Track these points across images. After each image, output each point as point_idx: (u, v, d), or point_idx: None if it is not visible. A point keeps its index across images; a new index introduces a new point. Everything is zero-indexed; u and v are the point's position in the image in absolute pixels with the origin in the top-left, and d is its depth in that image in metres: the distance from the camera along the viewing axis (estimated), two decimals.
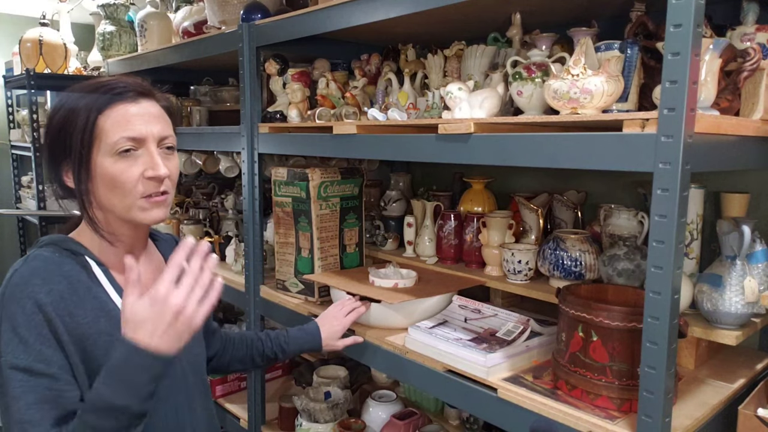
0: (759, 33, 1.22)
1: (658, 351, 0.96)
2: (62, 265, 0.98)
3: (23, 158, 4.23)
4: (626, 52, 1.16)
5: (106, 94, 0.99)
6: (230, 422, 2.20)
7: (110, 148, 0.97)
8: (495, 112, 1.32)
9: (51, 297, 0.93)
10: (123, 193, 0.99)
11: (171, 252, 1.17)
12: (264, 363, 1.47)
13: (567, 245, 1.47)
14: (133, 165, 0.98)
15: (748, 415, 1.09)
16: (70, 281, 0.96)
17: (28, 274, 0.95)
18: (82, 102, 0.98)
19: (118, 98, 0.99)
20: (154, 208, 1.01)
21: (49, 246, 1.01)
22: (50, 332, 0.92)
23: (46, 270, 0.96)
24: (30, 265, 0.96)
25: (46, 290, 0.93)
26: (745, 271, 1.22)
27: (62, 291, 0.95)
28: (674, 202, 0.93)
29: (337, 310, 1.54)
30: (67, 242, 1.02)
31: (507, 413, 1.21)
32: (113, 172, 0.97)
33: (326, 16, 1.58)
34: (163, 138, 1.02)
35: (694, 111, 0.93)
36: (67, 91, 1.02)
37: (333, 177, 1.77)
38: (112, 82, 1.01)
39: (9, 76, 3.94)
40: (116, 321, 0.98)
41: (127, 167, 0.98)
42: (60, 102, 1.01)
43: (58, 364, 0.92)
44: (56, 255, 0.99)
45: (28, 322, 0.91)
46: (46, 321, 0.92)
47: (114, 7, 2.86)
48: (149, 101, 1.03)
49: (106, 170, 0.98)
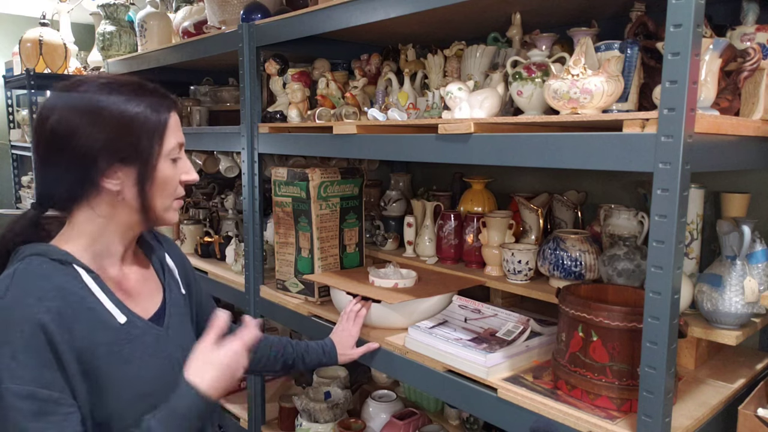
0: (759, 33, 1.22)
1: (658, 351, 0.96)
2: (52, 278, 0.93)
3: (23, 158, 4.23)
4: (626, 52, 1.16)
5: (166, 99, 1.02)
6: (230, 422, 2.20)
7: (168, 152, 1.01)
8: (495, 112, 1.32)
9: (50, 315, 0.90)
10: (168, 194, 1.03)
11: (153, 247, 1.18)
12: (282, 370, 1.47)
13: (567, 245, 1.47)
14: (177, 169, 1.04)
15: (748, 415, 1.09)
16: (64, 295, 0.93)
17: (21, 294, 0.90)
18: (149, 107, 0.98)
19: (173, 107, 1.04)
20: (176, 211, 1.08)
21: (34, 257, 0.96)
22: (51, 353, 0.89)
23: (38, 287, 0.91)
24: (18, 282, 0.91)
25: (44, 309, 0.89)
26: (745, 271, 1.22)
27: (59, 307, 0.91)
28: (674, 202, 0.93)
29: (344, 321, 1.54)
30: (54, 251, 0.97)
31: (507, 413, 1.21)
32: (169, 175, 1.02)
33: (326, 16, 1.58)
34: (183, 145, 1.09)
35: (694, 111, 0.93)
36: (97, 90, 0.96)
37: (333, 177, 1.77)
38: (149, 85, 1.03)
39: (9, 76, 3.94)
40: (112, 330, 0.98)
41: (176, 171, 1.04)
42: (105, 102, 0.96)
43: (60, 387, 0.89)
44: (44, 266, 0.94)
45: (27, 346, 0.87)
46: (47, 342, 0.89)
47: (114, 7, 2.86)
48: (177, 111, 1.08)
49: (164, 173, 1.01)
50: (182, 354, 1.09)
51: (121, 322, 0.99)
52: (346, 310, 1.55)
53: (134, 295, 1.07)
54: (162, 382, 1.03)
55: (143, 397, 1.00)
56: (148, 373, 1.01)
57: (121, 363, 0.98)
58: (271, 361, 1.43)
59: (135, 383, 0.99)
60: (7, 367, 0.86)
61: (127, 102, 0.97)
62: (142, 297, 1.08)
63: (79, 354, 0.93)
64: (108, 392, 0.96)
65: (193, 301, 1.23)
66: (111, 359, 0.96)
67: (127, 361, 0.98)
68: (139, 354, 1.01)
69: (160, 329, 1.06)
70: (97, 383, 0.95)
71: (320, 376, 2.09)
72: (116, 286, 1.04)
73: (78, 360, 0.92)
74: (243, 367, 1.04)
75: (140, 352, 1.01)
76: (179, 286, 1.18)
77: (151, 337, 1.04)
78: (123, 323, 0.99)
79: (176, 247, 1.27)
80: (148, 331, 1.03)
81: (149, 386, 1.01)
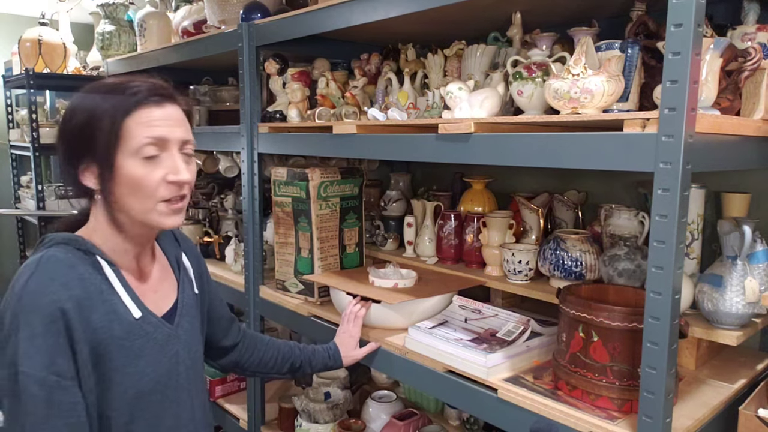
0: (760, 32, 1.22)
1: (658, 351, 0.96)
2: (76, 267, 0.96)
3: (22, 158, 4.22)
4: (627, 51, 1.16)
5: (133, 96, 0.97)
6: (230, 423, 2.20)
7: (134, 150, 0.96)
8: (495, 111, 1.31)
9: (71, 303, 0.92)
10: (144, 195, 0.97)
11: (171, 245, 1.18)
12: (289, 372, 1.46)
13: (567, 245, 1.46)
14: (156, 168, 0.97)
15: (749, 416, 1.09)
16: (85, 285, 0.95)
17: (47, 279, 0.92)
18: (108, 103, 0.97)
19: (144, 101, 0.97)
20: (173, 215, 1.01)
21: (61, 245, 0.98)
22: (67, 341, 0.91)
23: (63, 274, 0.94)
24: (46, 269, 0.94)
25: (67, 296, 0.92)
26: (745, 272, 1.22)
27: (80, 296, 0.94)
28: (675, 202, 0.92)
29: (345, 323, 1.54)
30: (80, 241, 1.00)
31: (507, 414, 1.21)
32: (137, 174, 0.96)
33: (326, 15, 1.58)
34: (185, 143, 1.02)
35: (694, 111, 0.93)
36: (87, 90, 1.00)
37: (333, 177, 1.77)
38: (137, 83, 0.99)
39: (8, 76, 3.93)
40: (127, 325, 0.99)
41: (150, 171, 0.97)
42: (80, 101, 0.99)
43: (70, 375, 0.91)
44: (69, 255, 0.97)
45: (47, 331, 0.89)
46: (65, 329, 0.91)
47: (113, 7, 2.86)
48: (173, 105, 1.02)
49: (129, 172, 0.96)
50: (188, 354, 1.10)
51: (136, 316, 1.00)
52: (346, 312, 1.55)
53: (150, 291, 1.07)
54: (165, 381, 1.03)
55: (146, 394, 1.01)
56: (155, 370, 1.02)
57: (131, 357, 0.99)
58: (279, 364, 1.43)
59: (141, 379, 1.00)
60: (26, 351, 0.89)
61: (94, 99, 0.98)
62: (158, 294, 1.09)
63: (93, 344, 0.94)
64: (115, 385, 0.97)
65: (205, 302, 1.23)
66: (122, 353, 0.97)
67: (137, 356, 1.00)
68: (149, 350, 1.01)
69: (171, 327, 1.07)
70: (105, 375, 0.96)
71: (320, 376, 2.09)
72: (134, 281, 1.05)
73: (91, 350, 0.94)
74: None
75: (150, 348, 1.02)
76: (192, 286, 1.19)
77: (162, 334, 1.04)
78: (138, 318, 1.01)
79: (194, 248, 1.27)
80: (160, 329, 1.04)
81: (153, 384, 1.02)
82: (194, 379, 1.12)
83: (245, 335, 1.40)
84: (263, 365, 1.42)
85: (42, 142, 3.44)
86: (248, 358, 1.40)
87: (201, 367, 1.19)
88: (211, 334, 1.28)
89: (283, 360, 1.44)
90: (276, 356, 1.43)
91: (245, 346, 1.39)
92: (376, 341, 1.51)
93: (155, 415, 1.02)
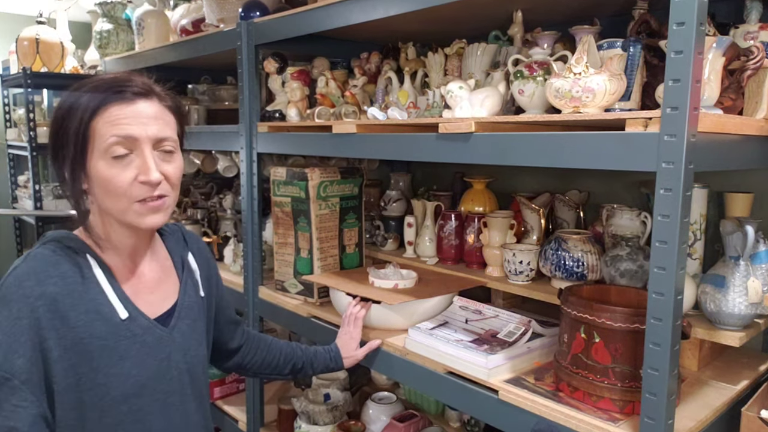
0: (762, 31, 1.21)
1: (661, 352, 0.96)
2: (60, 265, 0.95)
3: (20, 158, 4.20)
4: (629, 50, 1.15)
5: (102, 93, 0.95)
6: (228, 424, 2.19)
7: (103, 150, 0.94)
8: (496, 111, 1.31)
9: (44, 300, 0.91)
10: (116, 196, 0.95)
11: (177, 245, 1.16)
12: (290, 373, 1.46)
13: (569, 246, 1.46)
14: (126, 168, 0.95)
15: (752, 417, 1.09)
16: (66, 282, 0.94)
17: (24, 275, 0.93)
18: (78, 102, 0.96)
19: (112, 98, 0.95)
20: (151, 213, 0.98)
21: (51, 243, 0.99)
22: (33, 339, 0.90)
23: (42, 271, 0.94)
24: (28, 265, 0.94)
25: (39, 292, 0.91)
26: (748, 272, 1.21)
27: (56, 293, 0.93)
28: (677, 202, 0.92)
29: (345, 324, 1.53)
30: (71, 239, 1.00)
31: (508, 415, 1.20)
32: (106, 175, 0.94)
33: (325, 14, 1.57)
34: (161, 140, 0.98)
35: (697, 110, 0.92)
36: (71, 90, 0.99)
37: (332, 177, 1.76)
38: (109, 81, 0.97)
39: (6, 75, 3.92)
40: (111, 325, 0.97)
41: (119, 171, 0.94)
42: (61, 102, 0.99)
43: (25, 378, 0.89)
44: (55, 253, 0.97)
45: (11, 326, 0.89)
46: (30, 327, 0.90)
47: (111, 5, 2.85)
48: (147, 101, 0.98)
49: (99, 173, 0.95)
50: (184, 358, 1.08)
51: (122, 317, 0.99)
52: (346, 314, 1.54)
53: (145, 292, 1.06)
54: (154, 384, 1.02)
55: (132, 396, 0.99)
56: (143, 372, 1.00)
57: (115, 358, 0.97)
58: (281, 365, 1.43)
59: (126, 381, 0.98)
60: None
61: (70, 99, 0.97)
62: (154, 295, 1.07)
63: (72, 344, 0.93)
64: (98, 386, 0.96)
65: (212, 306, 1.21)
66: (105, 353, 0.96)
67: (122, 357, 0.98)
68: (135, 352, 1.00)
69: (164, 330, 1.05)
70: (87, 375, 0.94)
71: (320, 377, 2.08)
72: (126, 281, 1.03)
73: (68, 348, 0.93)
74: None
75: (137, 350, 1.00)
76: (197, 288, 1.16)
77: (152, 337, 1.02)
78: (124, 319, 0.99)
79: (205, 249, 1.24)
80: (150, 331, 1.02)
81: (139, 386, 1.00)
82: (190, 383, 1.10)
83: (249, 337, 1.40)
84: (265, 366, 1.41)
85: (39, 142, 3.43)
86: (251, 360, 1.39)
87: (201, 371, 1.16)
88: (218, 337, 1.27)
89: (285, 361, 1.43)
90: (278, 357, 1.42)
91: (249, 348, 1.39)
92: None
93: (143, 418, 1.01)
